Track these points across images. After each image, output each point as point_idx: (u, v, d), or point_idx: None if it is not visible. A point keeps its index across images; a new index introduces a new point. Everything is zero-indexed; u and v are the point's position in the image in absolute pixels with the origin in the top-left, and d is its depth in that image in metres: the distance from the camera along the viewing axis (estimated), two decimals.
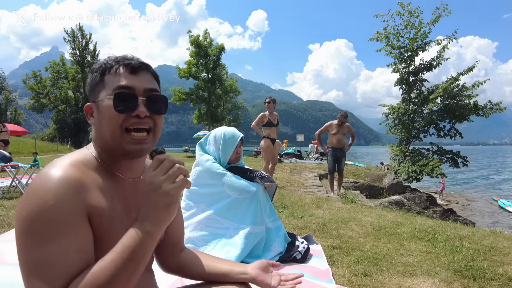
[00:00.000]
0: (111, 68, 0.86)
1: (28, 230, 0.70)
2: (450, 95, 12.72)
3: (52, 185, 0.73)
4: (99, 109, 0.85)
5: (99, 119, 0.85)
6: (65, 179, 0.75)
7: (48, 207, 0.70)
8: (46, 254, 0.69)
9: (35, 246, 0.70)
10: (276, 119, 6.18)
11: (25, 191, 0.76)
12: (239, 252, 2.21)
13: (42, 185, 0.73)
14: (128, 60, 0.87)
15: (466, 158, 13.33)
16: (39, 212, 0.70)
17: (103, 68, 0.87)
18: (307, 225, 3.45)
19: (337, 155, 6.80)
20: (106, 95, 0.84)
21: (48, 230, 0.70)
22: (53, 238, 0.70)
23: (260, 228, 2.39)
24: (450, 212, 9.42)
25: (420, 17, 13.20)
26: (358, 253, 2.63)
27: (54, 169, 0.77)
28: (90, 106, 0.88)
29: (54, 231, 0.71)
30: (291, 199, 4.99)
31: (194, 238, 2.33)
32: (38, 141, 31.52)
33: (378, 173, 11.27)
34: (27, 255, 0.70)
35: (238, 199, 2.39)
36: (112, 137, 0.84)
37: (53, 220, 0.71)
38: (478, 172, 33.80)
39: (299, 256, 2.39)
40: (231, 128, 2.61)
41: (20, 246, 0.71)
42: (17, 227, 0.72)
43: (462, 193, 19.11)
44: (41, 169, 0.80)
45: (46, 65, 43.39)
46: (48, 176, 0.75)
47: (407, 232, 3.27)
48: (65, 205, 0.72)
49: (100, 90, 0.86)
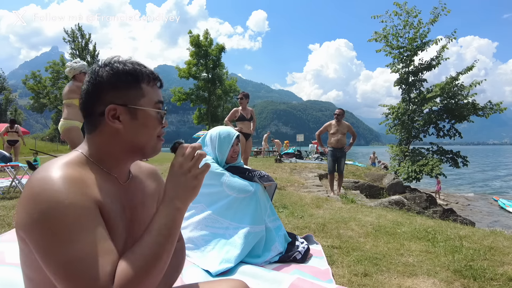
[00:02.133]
0: (149, 80, 0.91)
1: (49, 234, 0.69)
2: (449, 94, 12.72)
3: (59, 185, 0.73)
4: (138, 116, 0.88)
5: (136, 125, 0.88)
6: (68, 178, 0.76)
7: (64, 207, 0.71)
8: (78, 250, 0.70)
9: (63, 247, 0.69)
10: (249, 113, 6.31)
11: (25, 198, 0.73)
12: (239, 252, 2.21)
13: (47, 187, 0.72)
14: (156, 74, 0.93)
15: (466, 158, 13.36)
16: (55, 213, 0.70)
17: (137, 75, 0.88)
18: (307, 225, 3.45)
19: (337, 155, 6.79)
20: (149, 105, 0.89)
21: (71, 228, 0.70)
22: (79, 234, 0.71)
23: (259, 227, 2.38)
24: (450, 212, 9.41)
25: (418, 17, 13.21)
26: (358, 253, 2.63)
27: (52, 171, 0.76)
28: (117, 108, 0.85)
29: (78, 228, 0.71)
30: (291, 199, 4.98)
31: (194, 238, 2.33)
32: (38, 141, 31.57)
33: (378, 173, 11.26)
34: (57, 256, 0.69)
35: (237, 198, 2.39)
36: (148, 142, 0.91)
37: (73, 217, 0.71)
38: (486, 173, 33.52)
39: (299, 256, 2.39)
40: (227, 127, 2.61)
41: (45, 252, 0.70)
42: (36, 236, 0.71)
43: (462, 193, 19.11)
44: (32, 174, 0.78)
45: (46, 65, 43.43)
46: (49, 178, 0.74)
47: (407, 232, 3.27)
48: (80, 201, 0.74)
49: (138, 97, 0.88)
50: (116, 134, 0.87)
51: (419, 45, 13.32)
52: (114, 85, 0.86)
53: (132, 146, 0.89)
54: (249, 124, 6.29)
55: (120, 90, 0.86)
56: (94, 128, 0.88)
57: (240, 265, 2.19)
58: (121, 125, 0.86)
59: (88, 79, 0.87)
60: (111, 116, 0.85)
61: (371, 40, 14.13)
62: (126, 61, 0.90)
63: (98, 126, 0.87)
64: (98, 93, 0.86)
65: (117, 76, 0.86)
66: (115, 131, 0.86)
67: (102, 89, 0.86)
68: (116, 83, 0.86)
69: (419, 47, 13.33)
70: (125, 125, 0.86)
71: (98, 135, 0.87)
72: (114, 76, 0.86)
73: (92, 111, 0.87)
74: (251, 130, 6.29)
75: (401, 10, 13.39)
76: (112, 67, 0.87)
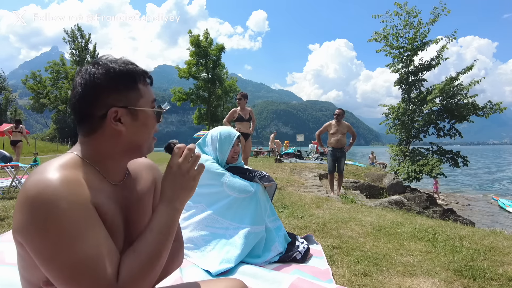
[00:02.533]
0: (143, 79, 0.91)
1: (49, 238, 0.69)
2: (448, 94, 12.72)
3: (55, 187, 0.72)
4: (139, 116, 0.88)
5: (137, 125, 0.88)
6: (65, 180, 0.74)
7: (62, 209, 0.70)
8: (82, 251, 0.70)
9: (68, 248, 0.69)
10: (248, 114, 6.33)
11: (21, 202, 0.72)
12: (239, 252, 2.21)
13: (44, 190, 0.71)
14: (148, 73, 0.92)
15: (466, 157, 13.37)
16: (53, 216, 0.69)
17: (134, 76, 0.88)
18: (307, 225, 3.45)
19: (337, 155, 6.80)
20: (146, 105, 0.90)
21: (71, 230, 0.70)
22: (79, 235, 0.71)
23: (259, 228, 2.39)
24: (450, 212, 9.41)
25: (418, 17, 13.21)
26: (358, 253, 2.63)
27: (47, 173, 0.75)
28: (117, 111, 0.84)
29: (78, 229, 0.71)
30: (291, 199, 4.99)
31: (194, 238, 2.33)
32: (38, 141, 31.58)
33: (378, 173, 11.27)
34: (61, 259, 0.69)
35: (237, 198, 2.39)
36: (146, 141, 0.92)
37: (75, 219, 0.71)
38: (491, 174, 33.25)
39: (299, 256, 2.39)
40: (227, 127, 2.62)
41: (46, 257, 0.70)
42: (36, 242, 0.70)
43: (462, 193, 19.11)
44: (27, 178, 0.77)
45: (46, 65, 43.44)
46: (45, 180, 0.73)
47: (407, 232, 3.27)
48: (77, 203, 0.73)
49: (137, 98, 0.88)
50: (117, 136, 0.86)
51: (419, 45, 13.31)
52: (115, 88, 0.85)
53: (131, 147, 0.89)
54: (247, 125, 6.31)
55: (121, 93, 0.85)
56: (93, 131, 0.85)
57: (240, 265, 2.19)
58: (123, 127, 0.85)
59: (82, 81, 0.84)
60: (114, 119, 0.84)
61: (371, 40, 14.14)
62: (119, 60, 0.88)
63: (98, 129, 0.85)
64: (97, 96, 0.83)
65: (116, 78, 0.85)
66: (117, 133, 0.85)
67: (102, 92, 0.84)
68: (117, 86, 0.85)
69: (419, 47, 13.32)
70: (127, 127, 0.86)
71: (97, 137, 0.86)
72: (114, 79, 0.84)
73: (91, 114, 0.84)
74: (250, 130, 6.31)
75: (402, 10, 13.39)
76: (108, 69, 0.85)
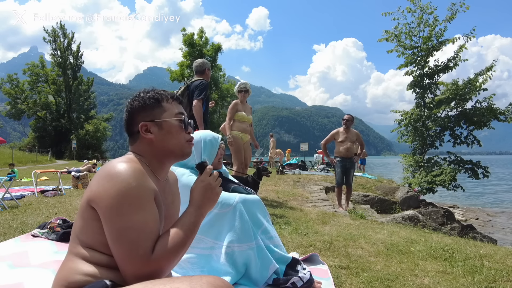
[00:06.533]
0: (168, 99, 1.34)
1: (119, 205, 1.07)
2: (462, 97, 12.61)
3: (128, 172, 1.12)
4: (163, 126, 1.29)
5: (163, 133, 1.29)
6: (133, 168, 1.15)
7: (133, 188, 1.11)
8: (133, 221, 1.08)
9: (124, 216, 1.07)
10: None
11: (103, 178, 1.13)
12: (230, 278, 2.15)
13: (119, 173, 1.12)
14: (174, 95, 1.37)
15: (487, 168, 13.08)
16: (126, 191, 1.09)
17: (157, 97, 1.31)
18: (312, 243, 3.45)
19: (346, 166, 6.78)
20: (170, 117, 1.31)
21: (134, 204, 1.09)
22: (138, 210, 1.10)
23: (248, 245, 2.29)
24: (470, 228, 9.40)
25: (434, 14, 13.08)
26: (368, 273, 2.63)
27: (117, 164, 1.15)
28: (147, 124, 1.28)
29: (139, 205, 1.10)
30: (294, 215, 4.99)
31: (181, 262, 2.26)
32: (16, 151, 31.43)
33: (390, 186, 11.27)
34: (117, 223, 1.07)
35: (218, 214, 2.33)
36: (176, 145, 1.31)
37: (138, 197, 1.11)
38: None
39: (300, 283, 2.23)
40: (208, 131, 2.62)
41: (110, 217, 1.08)
42: (107, 203, 1.08)
43: (483, 207, 19.05)
44: (106, 164, 1.21)
45: (24, 67, 43.43)
46: (117, 168, 1.14)
47: (422, 251, 3.28)
48: (144, 186, 1.14)
49: (161, 113, 1.30)
50: (150, 143, 1.28)
51: (434, 45, 13.23)
52: (142, 108, 1.29)
53: (164, 151, 1.30)
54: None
55: (147, 111, 1.29)
56: (134, 142, 1.31)
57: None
58: (152, 136, 1.28)
59: (125, 109, 1.32)
60: (144, 130, 1.27)
61: (381, 40, 14.04)
62: (149, 90, 1.34)
63: (136, 140, 1.30)
64: (133, 117, 1.30)
65: (144, 101, 1.30)
66: (149, 141, 1.28)
67: (134, 113, 1.30)
68: (144, 107, 1.29)
69: (435, 47, 13.23)
70: (155, 135, 1.28)
71: (138, 146, 1.30)
72: (142, 102, 1.30)
73: (132, 131, 1.30)
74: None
75: (415, 6, 13.29)
76: (139, 97, 1.31)
